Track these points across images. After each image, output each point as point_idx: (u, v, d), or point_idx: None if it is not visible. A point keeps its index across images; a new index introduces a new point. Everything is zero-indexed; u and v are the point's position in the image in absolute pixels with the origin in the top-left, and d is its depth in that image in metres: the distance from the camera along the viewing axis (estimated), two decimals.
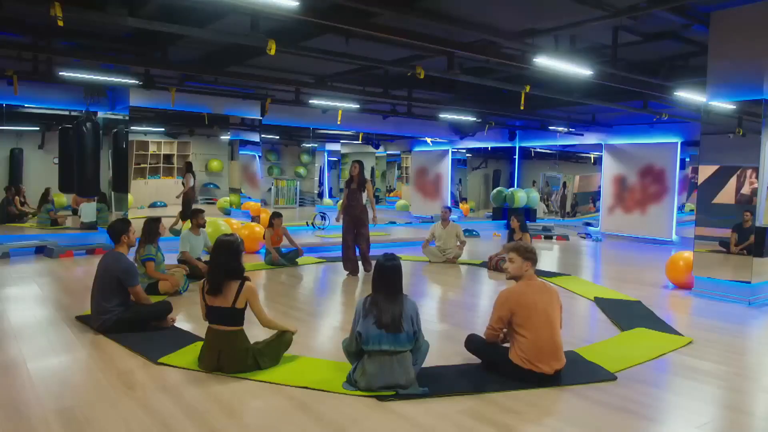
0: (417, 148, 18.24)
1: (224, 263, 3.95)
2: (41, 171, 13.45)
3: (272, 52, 6.02)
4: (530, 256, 3.89)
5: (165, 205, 12.84)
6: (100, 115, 10.92)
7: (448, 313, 6.20)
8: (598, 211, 15.08)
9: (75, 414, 3.22)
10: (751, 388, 4.00)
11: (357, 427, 3.15)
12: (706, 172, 6.99)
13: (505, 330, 3.90)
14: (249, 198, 12.75)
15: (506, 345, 3.98)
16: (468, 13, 6.64)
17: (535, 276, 3.93)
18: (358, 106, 11.12)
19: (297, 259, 8.73)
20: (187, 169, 11.61)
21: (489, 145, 17.04)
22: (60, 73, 8.03)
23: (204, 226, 7.62)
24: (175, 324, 5.06)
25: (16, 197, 12.36)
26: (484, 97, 11.63)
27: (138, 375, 3.86)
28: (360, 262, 7.99)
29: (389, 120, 13.77)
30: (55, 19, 4.84)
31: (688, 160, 19.01)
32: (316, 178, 21.98)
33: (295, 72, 10.01)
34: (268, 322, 4.12)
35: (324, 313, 6.01)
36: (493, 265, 8.64)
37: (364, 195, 7.83)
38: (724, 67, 6.65)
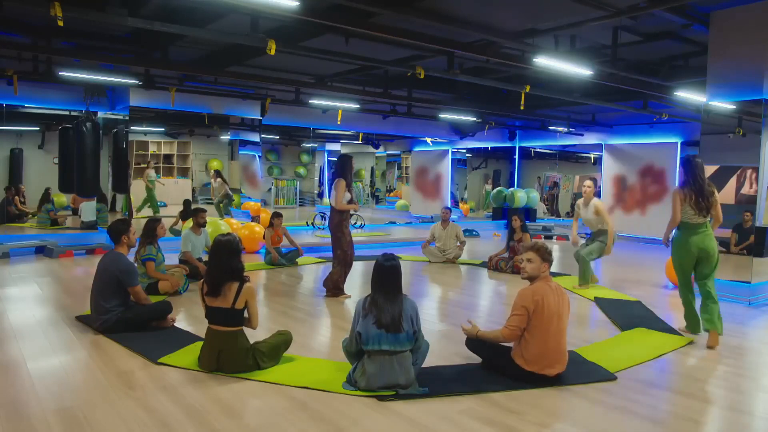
0: (417, 148, 18.24)
1: (224, 263, 3.95)
2: (41, 171, 13.43)
3: (272, 52, 6.03)
4: (549, 258, 3.88)
5: (165, 205, 12.84)
6: (100, 115, 10.92)
7: (448, 313, 6.20)
8: None
9: (75, 414, 3.22)
10: (751, 388, 4.00)
11: (357, 427, 3.14)
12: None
13: (524, 327, 3.79)
14: (249, 198, 12.76)
15: (505, 344, 3.98)
16: (468, 13, 6.64)
17: (551, 278, 3.93)
18: (358, 106, 11.13)
19: (297, 259, 8.73)
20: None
21: (489, 145, 17.05)
22: (60, 73, 8.03)
23: (204, 226, 7.61)
24: (175, 324, 5.06)
25: (16, 197, 12.35)
26: (484, 97, 11.64)
27: (138, 375, 3.86)
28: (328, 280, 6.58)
29: (389, 120, 13.77)
30: (55, 19, 4.85)
31: None
32: (316, 178, 21.96)
33: (295, 72, 10.02)
34: (257, 326, 4.10)
35: (324, 313, 6.01)
36: (493, 265, 8.64)
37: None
38: (724, 67, 6.65)
